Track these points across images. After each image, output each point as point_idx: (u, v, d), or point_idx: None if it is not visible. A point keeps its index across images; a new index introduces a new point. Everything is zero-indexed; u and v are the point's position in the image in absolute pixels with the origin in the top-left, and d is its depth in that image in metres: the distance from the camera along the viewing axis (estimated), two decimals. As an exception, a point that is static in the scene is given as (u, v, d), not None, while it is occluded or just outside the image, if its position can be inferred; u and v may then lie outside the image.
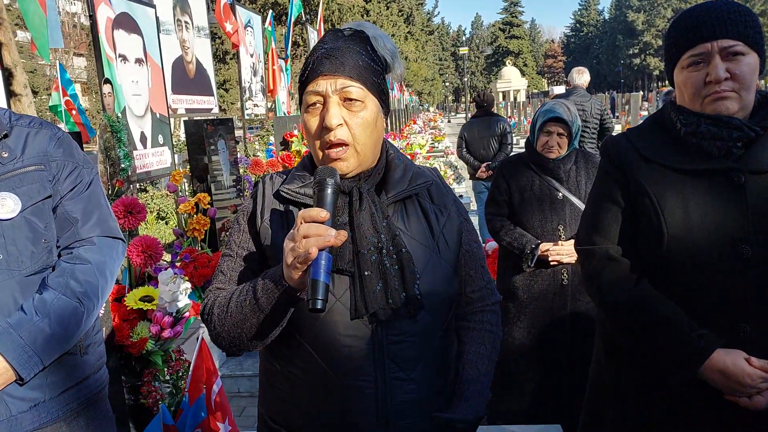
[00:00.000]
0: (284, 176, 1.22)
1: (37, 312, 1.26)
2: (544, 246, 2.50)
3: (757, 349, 1.28)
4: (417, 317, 1.12)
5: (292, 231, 0.98)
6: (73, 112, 3.22)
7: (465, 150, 5.89)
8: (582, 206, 2.51)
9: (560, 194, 2.54)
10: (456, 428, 1.12)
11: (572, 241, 2.46)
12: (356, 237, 1.10)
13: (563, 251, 2.48)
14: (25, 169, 1.33)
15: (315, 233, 0.94)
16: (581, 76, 5.41)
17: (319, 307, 0.92)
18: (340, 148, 1.10)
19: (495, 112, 6.08)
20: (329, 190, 0.99)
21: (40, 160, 1.36)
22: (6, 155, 1.32)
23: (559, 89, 7.61)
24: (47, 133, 1.40)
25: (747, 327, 1.29)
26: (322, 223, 0.96)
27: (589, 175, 2.57)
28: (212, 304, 1.14)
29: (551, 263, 2.52)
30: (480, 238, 5.31)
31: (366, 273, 1.09)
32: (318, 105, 1.11)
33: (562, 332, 2.55)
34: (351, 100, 1.09)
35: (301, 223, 0.97)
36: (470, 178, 5.98)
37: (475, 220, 6.66)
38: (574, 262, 2.50)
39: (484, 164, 5.68)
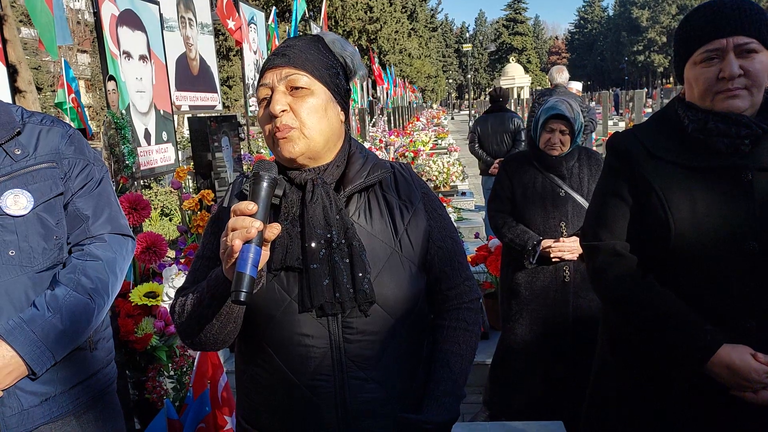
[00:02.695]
0: None
1: (49, 308, 1.28)
2: (546, 243, 2.51)
3: (762, 345, 1.28)
4: (368, 313, 1.11)
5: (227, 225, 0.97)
6: (79, 109, 3.24)
7: (477, 145, 5.84)
8: (584, 203, 2.52)
9: (563, 191, 2.54)
10: (424, 429, 1.11)
11: (574, 238, 2.48)
12: (305, 230, 1.10)
13: (565, 248, 2.49)
14: (37, 166, 1.34)
15: (240, 226, 0.94)
16: (561, 75, 5.45)
17: (241, 299, 0.91)
18: (287, 130, 1.09)
19: (509, 108, 6.05)
20: (263, 184, 0.98)
21: (52, 158, 1.37)
22: (19, 152, 1.33)
23: (577, 84, 7.52)
24: (59, 130, 1.41)
25: (753, 322, 1.30)
26: (251, 216, 0.95)
27: (592, 173, 2.58)
28: (175, 303, 1.16)
29: (553, 260, 2.52)
30: (485, 233, 5.29)
31: (313, 266, 1.09)
32: (267, 98, 1.11)
33: (564, 329, 2.56)
34: (297, 88, 1.09)
35: (232, 216, 0.96)
36: (481, 174, 5.94)
37: (482, 216, 6.65)
38: (575, 258, 2.51)
39: (498, 160, 5.63)
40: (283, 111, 1.08)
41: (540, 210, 2.57)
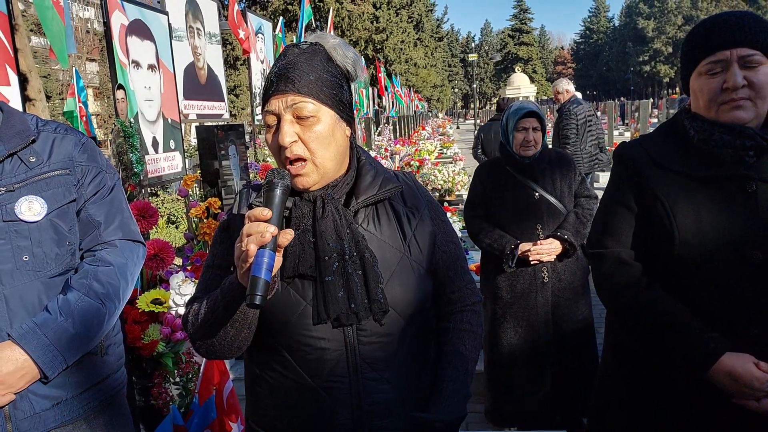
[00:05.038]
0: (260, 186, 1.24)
1: (62, 312, 1.30)
2: (524, 246, 2.53)
3: (765, 353, 1.29)
4: (382, 321, 1.13)
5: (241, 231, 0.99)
6: (83, 119, 3.28)
7: (480, 150, 6.09)
8: (558, 205, 2.57)
9: (537, 194, 2.58)
10: (434, 428, 1.13)
11: (551, 240, 2.52)
12: (318, 244, 1.12)
13: (543, 250, 2.52)
14: (51, 173, 1.37)
15: (255, 231, 0.95)
16: (571, 86, 5.89)
17: (257, 302, 0.92)
18: (299, 164, 1.11)
19: None
20: (277, 191, 1.00)
21: (66, 165, 1.40)
22: (33, 160, 1.36)
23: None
24: (72, 138, 1.44)
25: (755, 331, 1.31)
26: (265, 221, 0.96)
27: (563, 173, 2.62)
28: (188, 312, 1.18)
29: (532, 262, 2.55)
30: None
31: (327, 279, 1.11)
32: (274, 125, 1.13)
33: (547, 330, 2.59)
34: (303, 116, 1.11)
35: (247, 223, 0.98)
36: None
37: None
38: (553, 260, 2.55)
39: (481, 164, 5.86)
40: (292, 142, 1.11)
41: (515, 214, 2.60)
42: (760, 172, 1.32)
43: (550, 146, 3.65)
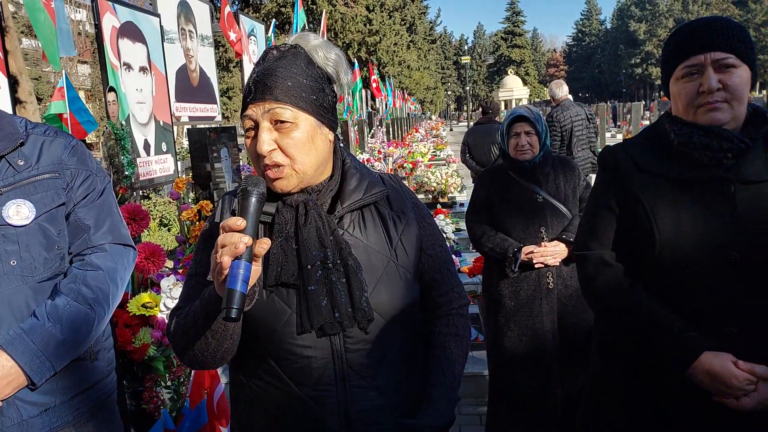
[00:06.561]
0: None
1: (50, 318, 1.28)
2: (527, 249, 2.50)
3: (743, 351, 1.31)
4: (367, 329, 1.12)
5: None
6: (65, 116, 3.22)
7: (468, 155, 6.16)
8: (562, 208, 2.55)
9: (540, 197, 2.56)
10: None
11: (555, 243, 2.49)
12: (301, 252, 1.11)
13: (547, 253, 2.49)
14: (40, 176, 1.36)
15: (229, 242, 0.93)
16: (562, 89, 5.84)
17: (232, 316, 0.90)
18: (277, 168, 1.10)
19: (498, 120, 6.37)
20: (252, 199, 0.98)
21: (55, 168, 1.39)
22: (22, 163, 1.35)
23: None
24: (62, 141, 1.43)
25: (734, 329, 1.33)
26: (240, 231, 0.94)
27: (567, 178, 2.61)
28: (171, 322, 1.16)
29: (536, 266, 2.51)
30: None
31: (311, 288, 1.10)
32: (252, 130, 1.11)
33: (552, 337, 2.55)
34: (281, 122, 1.09)
35: (221, 233, 0.96)
36: (473, 182, 6.29)
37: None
38: (557, 263, 2.52)
39: (485, 170, 5.94)
40: (270, 150, 1.09)
41: (519, 217, 2.57)
42: (739, 173, 1.34)
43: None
